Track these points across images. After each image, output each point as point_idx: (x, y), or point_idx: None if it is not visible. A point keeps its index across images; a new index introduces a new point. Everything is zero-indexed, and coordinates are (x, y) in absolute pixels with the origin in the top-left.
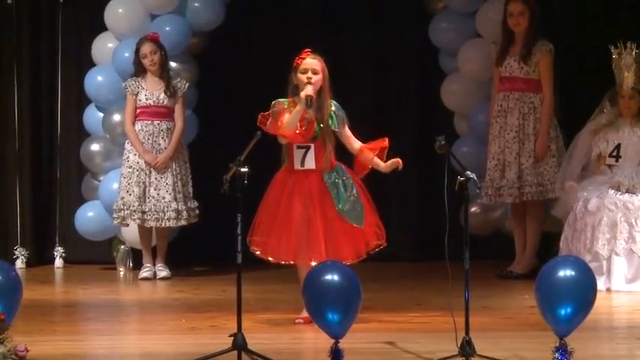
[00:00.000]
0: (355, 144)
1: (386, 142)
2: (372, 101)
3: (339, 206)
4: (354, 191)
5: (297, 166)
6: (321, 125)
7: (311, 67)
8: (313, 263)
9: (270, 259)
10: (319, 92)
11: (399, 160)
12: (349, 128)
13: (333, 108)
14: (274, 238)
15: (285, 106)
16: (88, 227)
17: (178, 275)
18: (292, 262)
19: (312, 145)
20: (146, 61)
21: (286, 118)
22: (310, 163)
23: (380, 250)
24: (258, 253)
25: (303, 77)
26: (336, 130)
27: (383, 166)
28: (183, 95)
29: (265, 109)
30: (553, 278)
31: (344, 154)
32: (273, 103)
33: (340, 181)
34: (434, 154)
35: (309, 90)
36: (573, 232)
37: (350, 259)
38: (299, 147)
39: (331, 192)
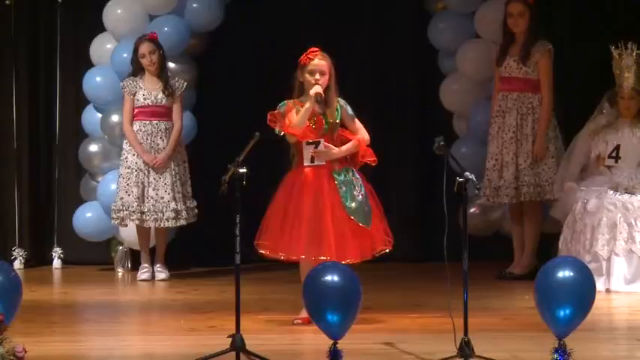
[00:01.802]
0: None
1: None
2: (371, 102)
3: (347, 204)
4: (363, 192)
5: (307, 162)
6: (330, 121)
7: (319, 69)
8: (322, 258)
9: (281, 257)
10: (327, 89)
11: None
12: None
13: (342, 103)
14: (284, 235)
15: (292, 104)
16: (87, 228)
17: (177, 276)
18: (303, 257)
19: (322, 140)
20: (145, 61)
21: (294, 116)
22: (320, 159)
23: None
24: (266, 253)
25: (311, 79)
26: (338, 121)
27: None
28: (182, 95)
29: (265, 110)
30: (552, 279)
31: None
32: (279, 105)
33: (350, 181)
34: (433, 155)
35: (317, 88)
36: (572, 233)
37: (354, 258)
38: (308, 143)
39: (340, 190)
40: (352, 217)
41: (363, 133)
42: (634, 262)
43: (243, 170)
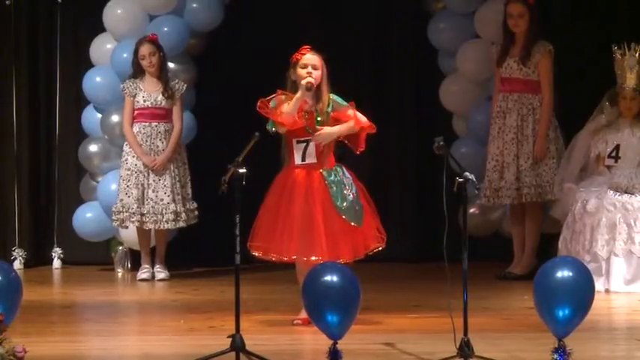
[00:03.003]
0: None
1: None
2: (370, 102)
3: (338, 204)
4: (354, 191)
5: (299, 161)
6: (319, 119)
7: (311, 63)
8: (314, 258)
9: (272, 258)
10: (318, 86)
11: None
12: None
13: (334, 98)
14: (276, 236)
15: (284, 98)
16: (87, 228)
17: (177, 276)
18: (294, 258)
19: (312, 140)
20: (145, 63)
21: (285, 107)
22: (311, 157)
23: (378, 251)
24: (259, 255)
25: (303, 72)
26: (331, 114)
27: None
28: (181, 97)
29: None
30: (550, 279)
31: (350, 156)
32: (269, 98)
33: (340, 180)
34: (433, 155)
35: (309, 78)
36: (572, 233)
37: (347, 258)
38: (299, 142)
39: (330, 190)
40: (343, 217)
41: (359, 116)
42: (633, 262)
43: (242, 170)
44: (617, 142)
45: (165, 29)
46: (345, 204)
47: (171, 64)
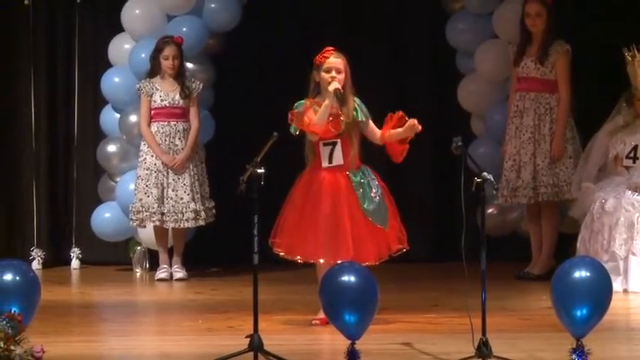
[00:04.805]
0: (378, 133)
1: (399, 113)
2: (388, 102)
3: (364, 206)
4: (379, 192)
5: (325, 163)
6: (343, 119)
7: (335, 66)
8: (340, 261)
9: (298, 259)
10: (343, 88)
11: (414, 121)
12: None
13: (358, 102)
14: (301, 237)
15: (309, 105)
16: (105, 228)
17: (195, 276)
18: (321, 262)
19: (339, 141)
20: (167, 63)
21: (312, 115)
22: (338, 159)
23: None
24: (282, 254)
25: (327, 76)
26: (363, 120)
27: (402, 130)
28: (198, 96)
29: (282, 110)
30: (568, 279)
31: (369, 156)
32: (295, 104)
33: (366, 182)
34: (450, 155)
35: (336, 84)
36: (590, 233)
37: (372, 260)
38: (325, 144)
39: (357, 192)
40: (370, 219)
41: (376, 131)
42: None
43: (261, 170)
44: (635, 143)
45: (184, 29)
46: (371, 206)
47: (189, 64)
